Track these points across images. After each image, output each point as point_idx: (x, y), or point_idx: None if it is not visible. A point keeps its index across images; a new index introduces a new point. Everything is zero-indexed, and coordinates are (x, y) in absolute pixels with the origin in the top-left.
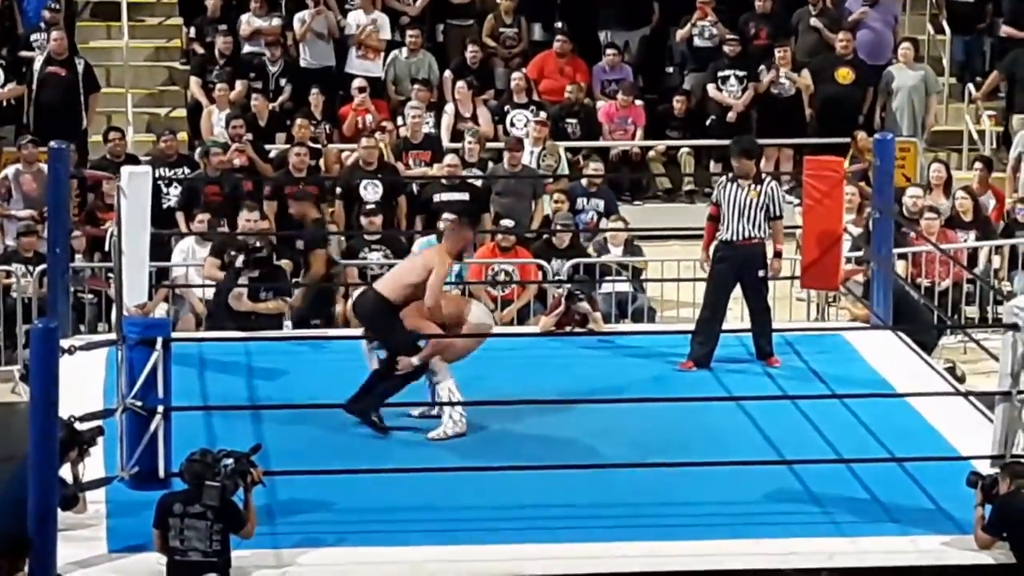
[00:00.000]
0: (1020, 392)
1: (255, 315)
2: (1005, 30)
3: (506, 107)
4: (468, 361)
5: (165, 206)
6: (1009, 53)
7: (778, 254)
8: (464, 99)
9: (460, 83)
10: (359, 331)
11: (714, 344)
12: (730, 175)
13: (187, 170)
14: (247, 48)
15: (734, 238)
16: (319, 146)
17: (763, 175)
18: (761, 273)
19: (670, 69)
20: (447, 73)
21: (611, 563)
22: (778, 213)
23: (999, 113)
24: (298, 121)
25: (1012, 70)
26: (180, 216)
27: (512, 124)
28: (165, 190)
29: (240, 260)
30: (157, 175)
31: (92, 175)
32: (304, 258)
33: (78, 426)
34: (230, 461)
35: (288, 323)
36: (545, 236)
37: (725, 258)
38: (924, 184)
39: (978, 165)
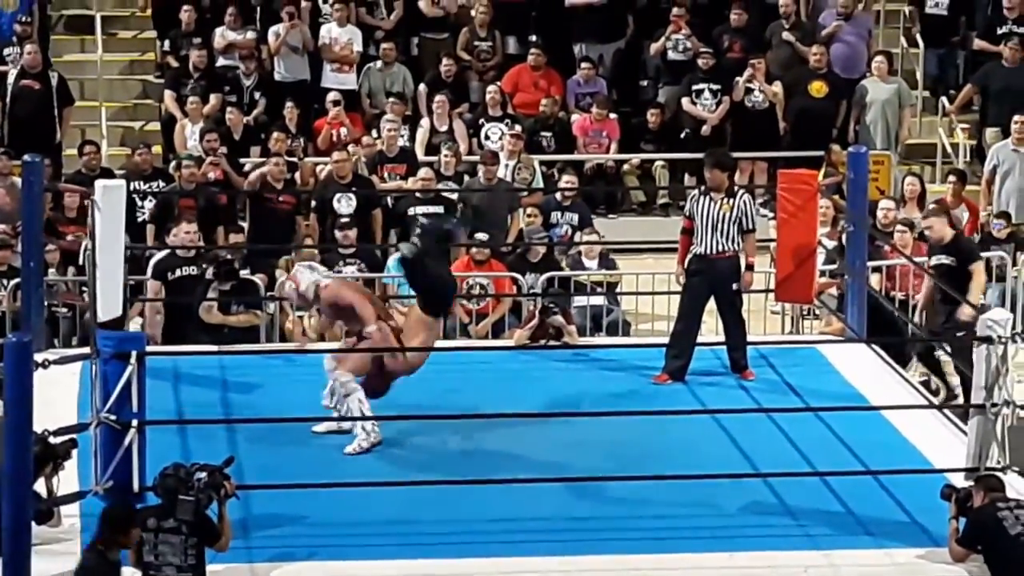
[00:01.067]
0: (994, 405)
1: (228, 328)
2: (978, 43)
3: (481, 120)
4: (443, 374)
5: (140, 220)
6: (982, 66)
7: (750, 267)
8: (441, 112)
9: (438, 96)
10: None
11: (689, 357)
12: (702, 188)
13: (161, 184)
14: (221, 61)
15: (708, 252)
16: (294, 159)
17: (736, 188)
18: (735, 286)
19: (644, 82)
20: (421, 87)
21: None
22: (750, 226)
23: (972, 126)
24: (275, 135)
25: (985, 83)
26: (151, 229)
27: (487, 137)
28: (140, 204)
29: (211, 272)
30: (131, 189)
31: (66, 189)
32: None
33: (52, 440)
34: (203, 475)
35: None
36: (520, 249)
37: (699, 271)
38: (898, 197)
39: (952, 178)
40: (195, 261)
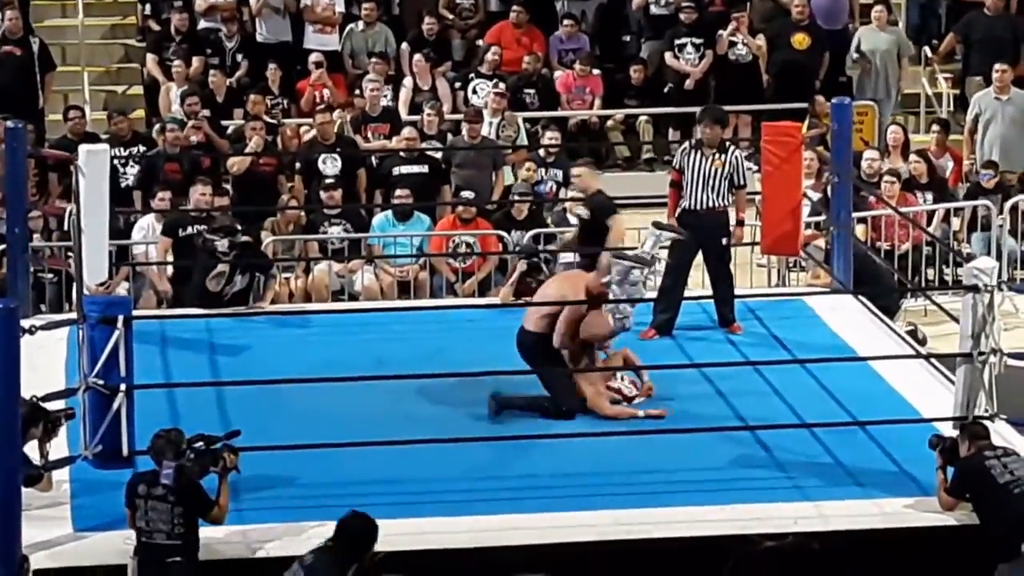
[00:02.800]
0: (981, 353)
1: (225, 296)
2: None
3: (471, 75)
4: (431, 333)
5: (123, 185)
6: (964, 15)
7: (740, 222)
8: (422, 72)
9: (417, 56)
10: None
11: (676, 312)
12: (692, 142)
13: (142, 148)
14: (203, 24)
15: (697, 207)
16: (274, 121)
17: (726, 143)
18: (724, 241)
19: (627, 38)
20: (404, 45)
21: (576, 532)
22: (742, 182)
23: (955, 75)
24: (252, 97)
25: (967, 32)
26: (138, 194)
27: (474, 92)
28: (122, 170)
29: (226, 244)
30: (112, 155)
31: (49, 154)
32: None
33: (45, 406)
34: (201, 444)
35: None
36: (505, 207)
37: (688, 226)
38: (881, 147)
39: (935, 128)
40: (206, 220)
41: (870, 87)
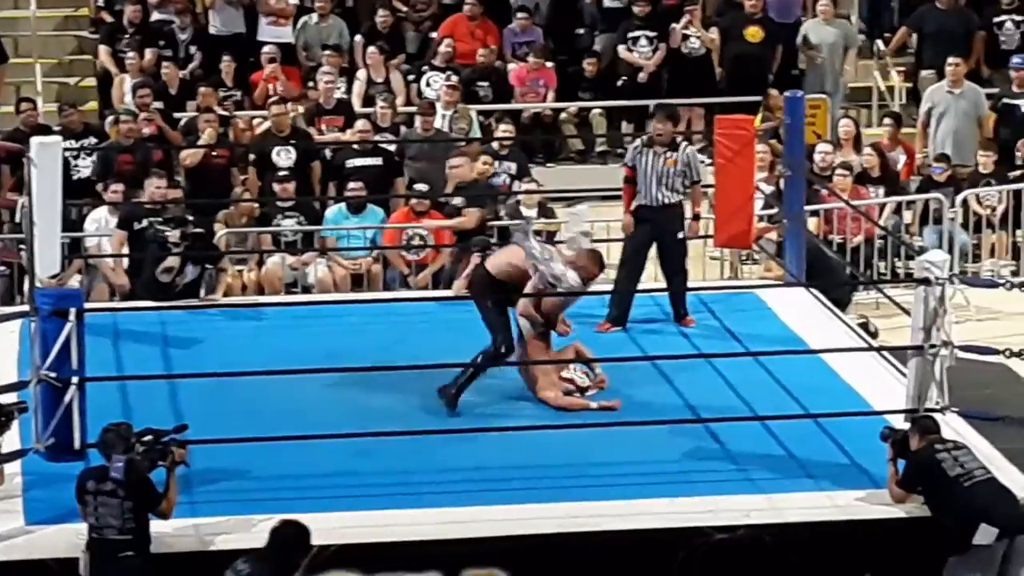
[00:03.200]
0: (932, 346)
1: (176, 287)
2: None
3: (424, 68)
4: (385, 325)
5: (75, 177)
6: (917, 9)
7: (696, 217)
8: (376, 64)
9: (371, 48)
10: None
11: (629, 305)
12: (645, 139)
13: (93, 140)
14: (156, 16)
15: (652, 204)
16: (227, 113)
17: (677, 140)
18: (680, 235)
19: (580, 31)
20: (357, 38)
21: (528, 525)
22: (696, 178)
23: (908, 69)
24: (202, 90)
25: (919, 26)
26: (101, 187)
27: (428, 85)
28: (74, 162)
29: (177, 235)
30: (65, 147)
31: (1, 146)
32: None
33: None
34: (150, 438)
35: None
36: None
37: (643, 220)
38: (834, 140)
39: (888, 121)
40: (160, 212)
41: (816, 80)
